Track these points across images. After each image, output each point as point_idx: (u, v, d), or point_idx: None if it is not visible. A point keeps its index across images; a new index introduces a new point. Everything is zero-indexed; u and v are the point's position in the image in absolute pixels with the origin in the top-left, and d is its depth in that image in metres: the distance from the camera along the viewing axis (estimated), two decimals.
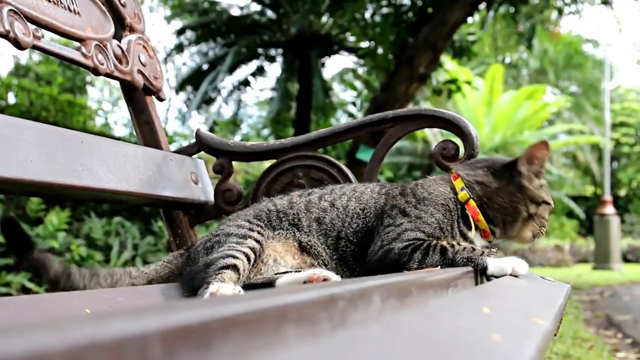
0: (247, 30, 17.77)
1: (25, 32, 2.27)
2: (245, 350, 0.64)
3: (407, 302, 1.20)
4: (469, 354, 0.75)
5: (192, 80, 18.74)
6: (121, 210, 9.91)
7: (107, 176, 2.38)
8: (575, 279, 15.84)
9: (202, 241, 2.34)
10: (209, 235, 2.35)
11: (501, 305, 1.25)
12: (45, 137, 2.16)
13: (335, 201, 2.38)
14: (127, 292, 2.22)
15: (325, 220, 2.33)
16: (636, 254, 28.38)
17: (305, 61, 17.66)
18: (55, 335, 0.48)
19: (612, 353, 5.82)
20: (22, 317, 1.73)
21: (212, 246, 2.22)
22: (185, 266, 2.34)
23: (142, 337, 0.53)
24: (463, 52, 12.56)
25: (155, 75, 3.03)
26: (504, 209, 2.23)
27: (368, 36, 12.55)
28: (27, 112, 11.35)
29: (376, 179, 2.83)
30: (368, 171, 2.85)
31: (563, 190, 32.48)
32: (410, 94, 11.51)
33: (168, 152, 2.91)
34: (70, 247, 7.97)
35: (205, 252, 2.22)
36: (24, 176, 2.01)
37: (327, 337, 0.73)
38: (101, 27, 2.74)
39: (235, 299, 0.77)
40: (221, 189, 2.95)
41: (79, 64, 2.57)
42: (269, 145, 2.95)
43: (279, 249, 2.28)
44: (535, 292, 1.79)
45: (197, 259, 2.23)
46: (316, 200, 2.40)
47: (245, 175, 14.16)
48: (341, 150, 16.17)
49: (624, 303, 10.71)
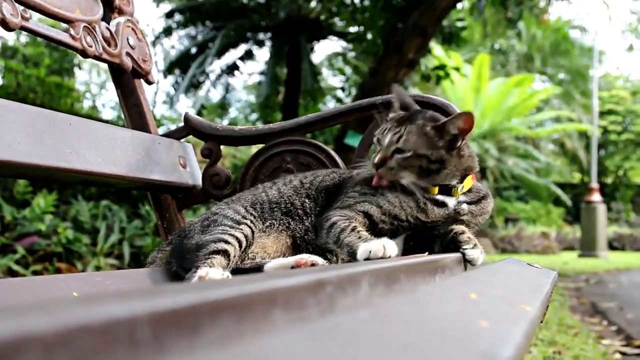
0: (236, 14, 17.68)
1: (13, 13, 2.26)
2: (234, 334, 0.64)
3: (395, 288, 1.20)
4: (456, 340, 0.76)
5: (180, 64, 18.65)
6: (108, 193, 9.90)
7: (95, 159, 2.37)
8: (562, 266, 15.91)
9: (200, 218, 2.35)
10: (208, 213, 2.36)
11: (488, 292, 1.26)
12: (33, 119, 2.15)
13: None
14: (115, 276, 2.21)
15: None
16: (622, 242, 28.52)
17: (294, 46, 17.61)
18: (44, 318, 0.48)
19: (597, 340, 5.85)
20: (10, 300, 1.73)
21: (209, 225, 2.24)
22: (178, 238, 2.35)
23: (131, 320, 0.53)
24: (452, 38, 12.55)
25: (144, 58, 3.02)
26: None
27: (357, 21, 12.51)
28: (14, 94, 11.30)
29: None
30: (356, 156, 2.85)
31: (550, 177, 32.59)
32: (399, 80, 11.48)
33: (156, 136, 2.90)
34: (57, 230, 7.96)
35: (202, 230, 2.23)
36: (12, 158, 2.00)
37: (316, 322, 0.73)
38: (90, 9, 2.73)
39: (224, 283, 0.77)
40: (209, 173, 2.94)
41: (67, 45, 2.56)
42: (257, 130, 2.95)
43: (269, 246, 2.28)
44: (522, 279, 1.79)
45: (192, 235, 2.24)
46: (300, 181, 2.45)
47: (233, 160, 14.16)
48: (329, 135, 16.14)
49: (609, 290, 10.77)
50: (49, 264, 7.75)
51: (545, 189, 28.41)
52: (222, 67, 19.24)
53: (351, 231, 2.06)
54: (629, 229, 30.80)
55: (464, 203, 2.26)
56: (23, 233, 7.83)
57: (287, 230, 2.32)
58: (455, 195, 2.25)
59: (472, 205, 2.29)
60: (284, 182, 2.48)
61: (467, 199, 2.29)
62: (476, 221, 2.31)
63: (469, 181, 2.30)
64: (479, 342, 0.76)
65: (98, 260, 8.16)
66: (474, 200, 2.31)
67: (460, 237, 2.14)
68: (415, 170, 2.18)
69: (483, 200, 2.34)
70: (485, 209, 2.34)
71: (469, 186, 2.30)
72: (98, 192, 9.85)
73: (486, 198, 2.36)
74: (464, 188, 2.27)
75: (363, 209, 2.20)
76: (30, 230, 7.85)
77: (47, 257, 7.88)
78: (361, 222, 2.16)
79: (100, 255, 8.32)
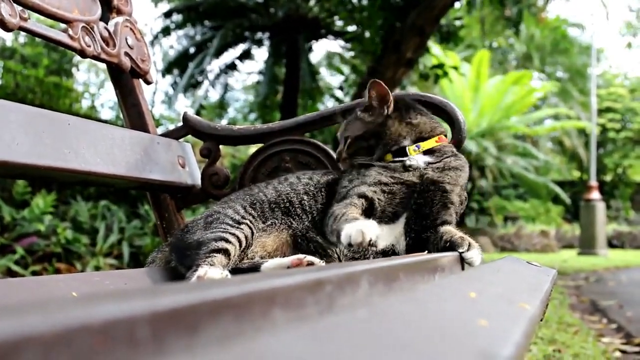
0: (234, 13, 17.68)
1: (11, 13, 2.25)
2: (234, 333, 0.65)
3: (394, 287, 1.20)
4: (456, 339, 0.76)
5: (178, 64, 18.67)
6: (107, 193, 9.90)
7: (94, 159, 2.37)
8: (561, 264, 15.91)
9: (204, 215, 2.36)
10: (211, 210, 2.37)
11: (488, 290, 1.26)
12: (32, 119, 2.15)
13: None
14: (114, 276, 2.22)
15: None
16: (621, 240, 28.55)
17: (293, 45, 17.63)
18: (43, 318, 0.48)
19: (597, 338, 5.85)
20: (9, 300, 1.73)
21: (212, 222, 2.25)
22: (180, 232, 2.36)
23: (130, 319, 0.53)
24: (450, 37, 12.55)
25: (143, 58, 3.02)
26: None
27: (355, 20, 12.53)
28: (13, 95, 11.30)
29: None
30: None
31: (549, 175, 32.59)
32: (397, 79, 11.49)
33: (155, 136, 2.90)
34: (56, 230, 7.96)
35: (205, 226, 2.24)
36: (10, 158, 1.99)
37: (315, 322, 0.73)
38: (88, 9, 2.73)
39: (224, 283, 0.77)
40: (208, 172, 2.94)
41: (66, 46, 2.56)
42: (256, 129, 2.95)
43: (269, 244, 2.29)
44: (521, 277, 1.79)
45: (194, 231, 2.25)
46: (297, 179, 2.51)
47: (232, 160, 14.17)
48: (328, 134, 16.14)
49: (609, 288, 10.76)
50: (48, 264, 7.75)
51: (544, 187, 28.40)
52: (221, 66, 19.28)
53: (342, 217, 2.10)
54: (628, 227, 30.83)
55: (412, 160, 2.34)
56: (22, 233, 7.83)
57: (288, 229, 2.33)
58: (411, 154, 2.35)
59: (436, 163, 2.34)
60: (279, 181, 2.50)
61: (430, 159, 2.35)
62: (448, 178, 2.32)
63: (430, 143, 2.39)
64: (478, 341, 0.76)
65: (97, 261, 8.16)
66: (439, 159, 2.36)
67: (453, 239, 2.14)
68: (363, 151, 2.44)
69: (446, 158, 2.37)
70: (452, 164, 2.36)
71: (428, 146, 2.38)
72: (97, 192, 9.86)
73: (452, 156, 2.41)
74: (421, 148, 2.37)
75: (356, 192, 2.25)
76: (29, 231, 7.85)
77: (46, 258, 7.88)
78: (357, 205, 2.20)
79: (100, 255, 8.32)
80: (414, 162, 2.31)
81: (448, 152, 2.40)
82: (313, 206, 2.37)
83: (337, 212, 2.15)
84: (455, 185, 2.33)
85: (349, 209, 2.14)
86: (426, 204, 2.26)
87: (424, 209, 2.26)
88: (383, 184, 2.26)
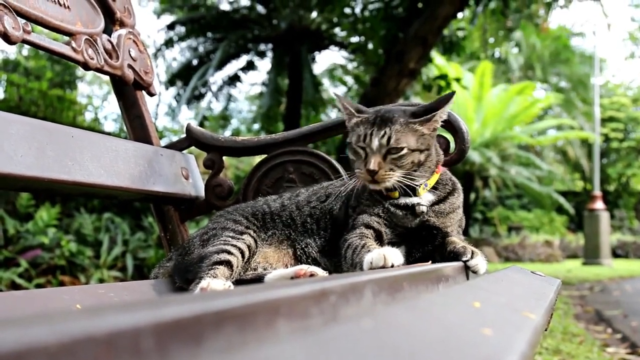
0: (237, 25, 17.72)
1: (15, 27, 2.26)
2: (237, 344, 0.64)
3: (398, 296, 1.20)
4: (460, 348, 0.76)
5: (181, 76, 18.71)
6: (111, 205, 9.91)
7: (97, 171, 2.37)
8: (565, 274, 15.88)
9: (198, 233, 2.35)
10: (206, 227, 2.37)
11: (492, 300, 1.26)
12: (35, 132, 2.15)
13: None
14: (118, 288, 2.22)
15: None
16: (625, 249, 28.48)
17: (295, 56, 17.64)
18: (48, 328, 0.48)
19: (602, 348, 5.83)
20: (14, 312, 1.73)
21: (209, 239, 2.24)
22: (179, 256, 2.35)
23: (135, 330, 0.53)
24: (453, 47, 12.55)
25: (146, 70, 3.03)
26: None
27: (358, 31, 12.54)
28: (17, 107, 11.33)
29: None
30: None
31: (553, 185, 32.54)
32: (400, 89, 11.51)
33: (159, 147, 2.90)
34: (60, 242, 7.96)
35: (202, 244, 2.24)
36: (13, 170, 2.00)
37: (319, 332, 0.73)
38: (91, 22, 2.73)
39: (227, 294, 0.77)
40: (212, 184, 2.94)
41: (69, 58, 2.56)
42: (259, 140, 2.95)
43: (270, 255, 2.29)
44: (525, 287, 1.79)
45: (192, 250, 2.25)
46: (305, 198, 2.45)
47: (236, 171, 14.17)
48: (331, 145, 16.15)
49: (613, 298, 10.74)
50: (52, 277, 7.76)
51: (548, 197, 28.35)
52: (224, 78, 19.32)
53: (361, 249, 2.06)
54: (633, 237, 30.76)
55: (422, 205, 2.23)
56: (26, 246, 7.84)
57: (287, 240, 2.33)
58: (419, 195, 2.23)
59: (439, 204, 2.27)
60: (289, 197, 2.48)
61: (434, 197, 2.27)
62: (450, 221, 2.28)
63: (435, 178, 2.28)
64: (482, 350, 0.76)
65: (101, 273, 8.16)
66: (442, 197, 2.28)
67: (456, 249, 2.12)
68: (407, 166, 2.17)
69: (450, 196, 2.30)
70: (454, 204, 2.31)
71: (433, 182, 2.27)
72: (101, 204, 9.86)
73: (454, 192, 2.33)
74: (429, 185, 2.26)
75: (362, 222, 2.21)
76: (33, 244, 7.86)
77: (50, 270, 7.89)
78: (370, 235, 2.16)
79: (104, 267, 8.33)
80: (424, 208, 2.22)
81: (448, 183, 2.34)
82: (315, 230, 2.36)
83: (354, 243, 2.11)
84: (454, 222, 2.32)
85: (363, 241, 2.10)
86: (428, 238, 2.24)
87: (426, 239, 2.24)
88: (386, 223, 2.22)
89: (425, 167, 2.22)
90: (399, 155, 2.15)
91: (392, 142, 2.15)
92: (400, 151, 2.15)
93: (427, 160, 2.22)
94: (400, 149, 2.15)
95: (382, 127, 2.18)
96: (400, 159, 2.15)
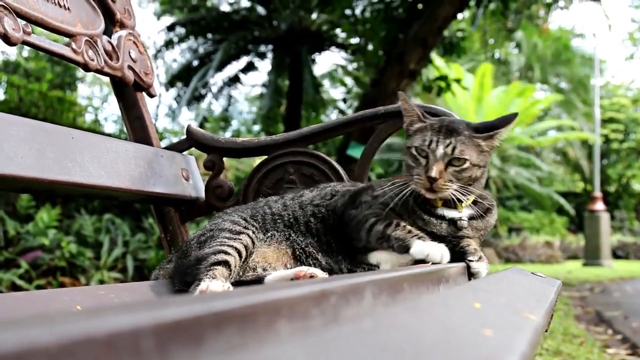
0: (237, 26, 17.71)
1: (15, 28, 2.26)
2: (238, 345, 0.64)
3: (398, 297, 1.20)
4: (460, 349, 0.75)
5: (182, 77, 18.70)
6: (112, 207, 9.91)
7: (98, 172, 2.37)
8: (566, 275, 15.88)
9: (196, 235, 2.35)
10: (203, 229, 2.36)
11: (492, 301, 1.25)
12: (36, 133, 2.15)
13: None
14: (118, 289, 2.21)
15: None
16: (626, 250, 28.51)
17: (296, 57, 17.64)
18: (48, 330, 0.48)
19: (603, 349, 5.83)
20: (14, 313, 1.73)
21: (205, 240, 2.24)
22: (177, 259, 2.35)
23: (135, 331, 0.53)
24: (453, 48, 12.54)
25: (146, 71, 3.03)
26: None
27: (358, 32, 12.54)
28: (17, 109, 11.34)
29: (367, 176, 2.84)
30: (359, 167, 2.86)
31: (553, 186, 32.56)
32: (400, 90, 11.49)
33: (159, 148, 2.90)
34: (60, 244, 7.97)
35: (198, 246, 2.23)
36: (14, 172, 2.00)
37: (320, 333, 0.73)
38: (91, 23, 2.73)
39: (228, 295, 0.77)
40: (212, 185, 2.94)
41: (69, 59, 2.56)
42: (260, 141, 2.95)
43: (269, 255, 2.29)
44: (526, 287, 1.79)
45: (189, 253, 2.24)
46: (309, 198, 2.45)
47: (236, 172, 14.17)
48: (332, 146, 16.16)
49: (614, 299, 10.75)
50: (53, 278, 7.76)
51: (548, 198, 28.39)
52: (224, 79, 19.32)
53: (396, 226, 2.10)
54: (633, 238, 30.79)
55: (464, 219, 2.23)
56: (26, 248, 7.84)
57: (286, 241, 2.33)
58: (459, 209, 2.23)
59: (476, 220, 2.27)
60: (292, 197, 2.48)
61: (473, 212, 2.26)
62: (479, 235, 2.29)
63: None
64: (483, 351, 0.76)
65: (101, 274, 8.16)
66: (480, 212, 2.28)
67: (466, 248, 2.13)
68: (465, 180, 2.17)
69: (488, 214, 2.31)
70: (489, 223, 2.32)
71: (473, 198, 2.26)
72: (101, 205, 9.86)
73: (491, 210, 2.33)
74: (469, 200, 2.24)
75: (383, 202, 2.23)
76: (33, 245, 7.86)
77: (50, 272, 7.89)
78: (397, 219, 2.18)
79: (104, 269, 8.33)
80: (465, 223, 2.22)
81: (486, 199, 2.33)
82: (320, 229, 2.36)
83: (379, 220, 2.16)
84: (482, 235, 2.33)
85: (394, 220, 2.14)
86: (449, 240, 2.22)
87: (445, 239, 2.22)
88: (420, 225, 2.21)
89: (479, 182, 2.23)
90: (461, 167, 2.15)
91: (456, 152, 2.15)
92: (463, 163, 2.15)
93: (482, 177, 2.24)
94: (464, 161, 2.15)
95: (448, 137, 2.18)
96: (461, 171, 2.15)
